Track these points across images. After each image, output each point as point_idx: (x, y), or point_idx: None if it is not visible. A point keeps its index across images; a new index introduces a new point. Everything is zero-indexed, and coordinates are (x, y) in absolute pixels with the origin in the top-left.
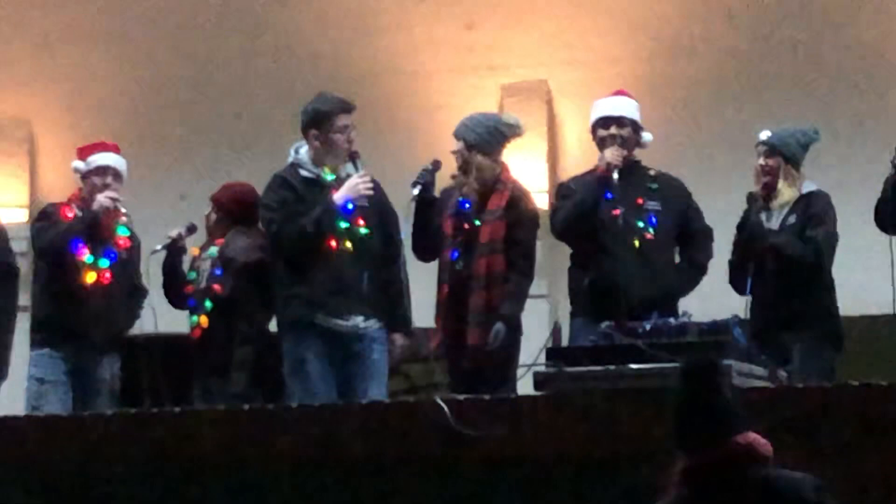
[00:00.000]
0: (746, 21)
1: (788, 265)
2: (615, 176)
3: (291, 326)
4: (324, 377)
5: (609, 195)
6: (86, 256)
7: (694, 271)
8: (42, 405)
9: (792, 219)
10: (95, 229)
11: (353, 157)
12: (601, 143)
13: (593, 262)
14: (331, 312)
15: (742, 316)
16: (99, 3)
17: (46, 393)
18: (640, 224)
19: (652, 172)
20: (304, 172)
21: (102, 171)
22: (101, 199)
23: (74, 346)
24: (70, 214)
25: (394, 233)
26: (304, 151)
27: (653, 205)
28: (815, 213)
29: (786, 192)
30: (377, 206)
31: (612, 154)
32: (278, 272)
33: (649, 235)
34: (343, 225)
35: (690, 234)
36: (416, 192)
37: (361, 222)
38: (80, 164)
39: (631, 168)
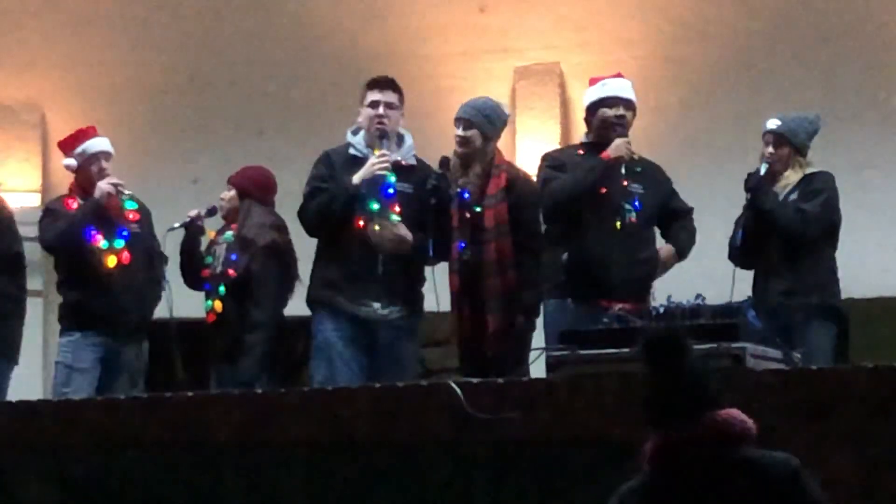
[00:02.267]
0: (759, 3)
1: (787, 239)
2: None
3: (316, 307)
4: (349, 363)
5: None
6: (101, 243)
7: (687, 233)
8: (69, 391)
9: (794, 195)
10: (100, 215)
11: (381, 135)
12: (603, 123)
13: (574, 240)
14: (348, 296)
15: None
16: None
17: (74, 379)
18: (626, 206)
19: (636, 156)
20: (351, 150)
21: (95, 157)
22: (102, 185)
23: (104, 331)
24: (75, 206)
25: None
26: (362, 132)
27: (636, 187)
28: (812, 188)
29: (790, 177)
30: (418, 199)
31: (626, 148)
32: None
33: (633, 219)
34: (374, 207)
35: (674, 211)
36: (433, 202)
37: (397, 209)
38: (71, 161)
39: None
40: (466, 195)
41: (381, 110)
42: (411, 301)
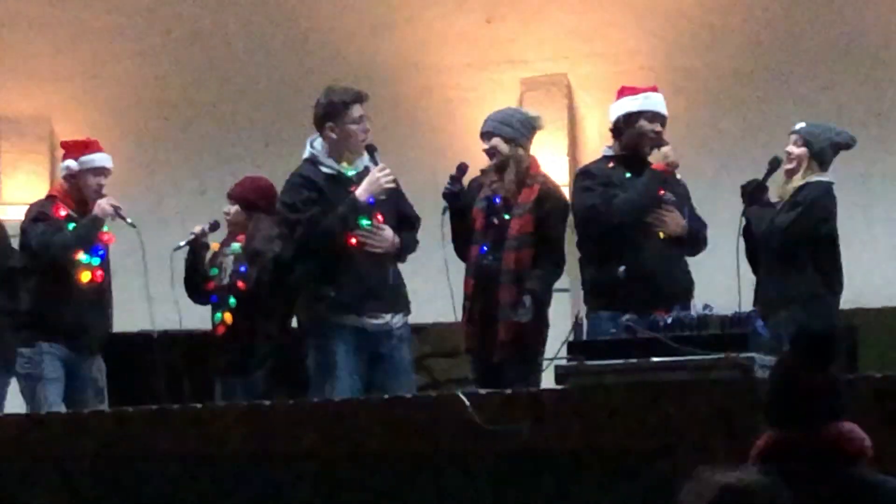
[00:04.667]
0: (765, 14)
1: (782, 246)
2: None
3: (319, 326)
4: (352, 376)
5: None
6: (82, 257)
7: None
8: (40, 402)
9: (787, 206)
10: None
11: (370, 149)
12: (640, 136)
13: (628, 253)
14: (361, 313)
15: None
16: (117, 0)
17: (43, 389)
18: None
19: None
20: (324, 169)
21: (98, 171)
22: (105, 206)
23: (68, 344)
24: (63, 213)
25: (410, 214)
26: (320, 145)
27: (669, 196)
28: (795, 200)
29: (795, 182)
30: (393, 198)
31: (676, 156)
32: (300, 271)
33: None
34: (365, 222)
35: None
36: (446, 205)
37: (380, 218)
38: (73, 164)
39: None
40: (497, 200)
41: (367, 125)
42: (407, 308)
